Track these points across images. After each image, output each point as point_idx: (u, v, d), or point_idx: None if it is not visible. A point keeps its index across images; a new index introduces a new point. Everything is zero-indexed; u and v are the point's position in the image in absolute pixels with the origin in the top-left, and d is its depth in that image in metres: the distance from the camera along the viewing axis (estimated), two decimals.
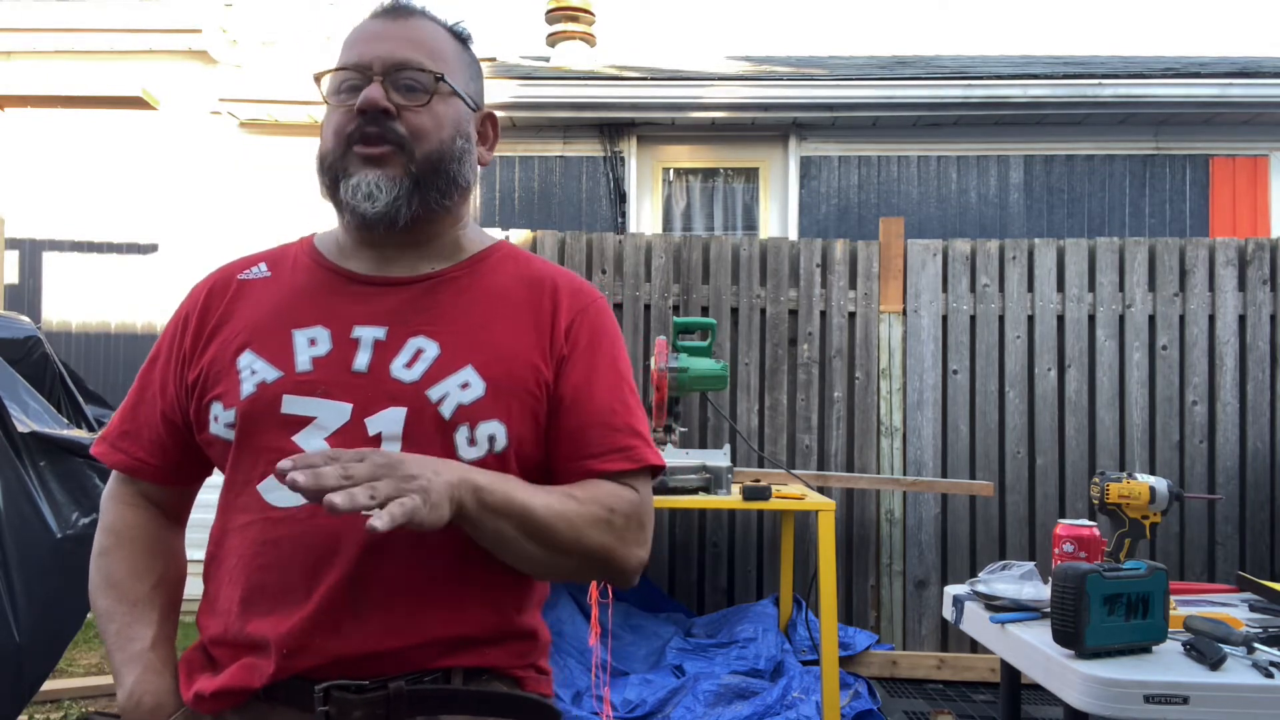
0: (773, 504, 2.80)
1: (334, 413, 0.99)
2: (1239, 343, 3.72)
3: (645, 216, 5.32)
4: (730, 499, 2.80)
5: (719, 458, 2.88)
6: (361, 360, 1.01)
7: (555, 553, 0.98)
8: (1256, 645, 1.50)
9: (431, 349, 1.02)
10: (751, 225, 5.36)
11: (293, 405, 0.99)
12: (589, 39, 6.16)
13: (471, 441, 0.99)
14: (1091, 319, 3.76)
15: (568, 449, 1.05)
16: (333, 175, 1.04)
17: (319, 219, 1.09)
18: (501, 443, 1.00)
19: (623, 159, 5.21)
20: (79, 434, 2.46)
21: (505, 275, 1.10)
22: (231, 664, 0.98)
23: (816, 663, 3.05)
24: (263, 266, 1.12)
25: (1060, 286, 3.77)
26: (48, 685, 3.13)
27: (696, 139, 5.36)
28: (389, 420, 0.98)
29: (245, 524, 0.99)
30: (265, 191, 5.17)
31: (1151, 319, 3.74)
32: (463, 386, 1.00)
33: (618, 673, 3.17)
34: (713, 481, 2.82)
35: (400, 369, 1.01)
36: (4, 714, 2.20)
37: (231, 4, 5.21)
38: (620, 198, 5.20)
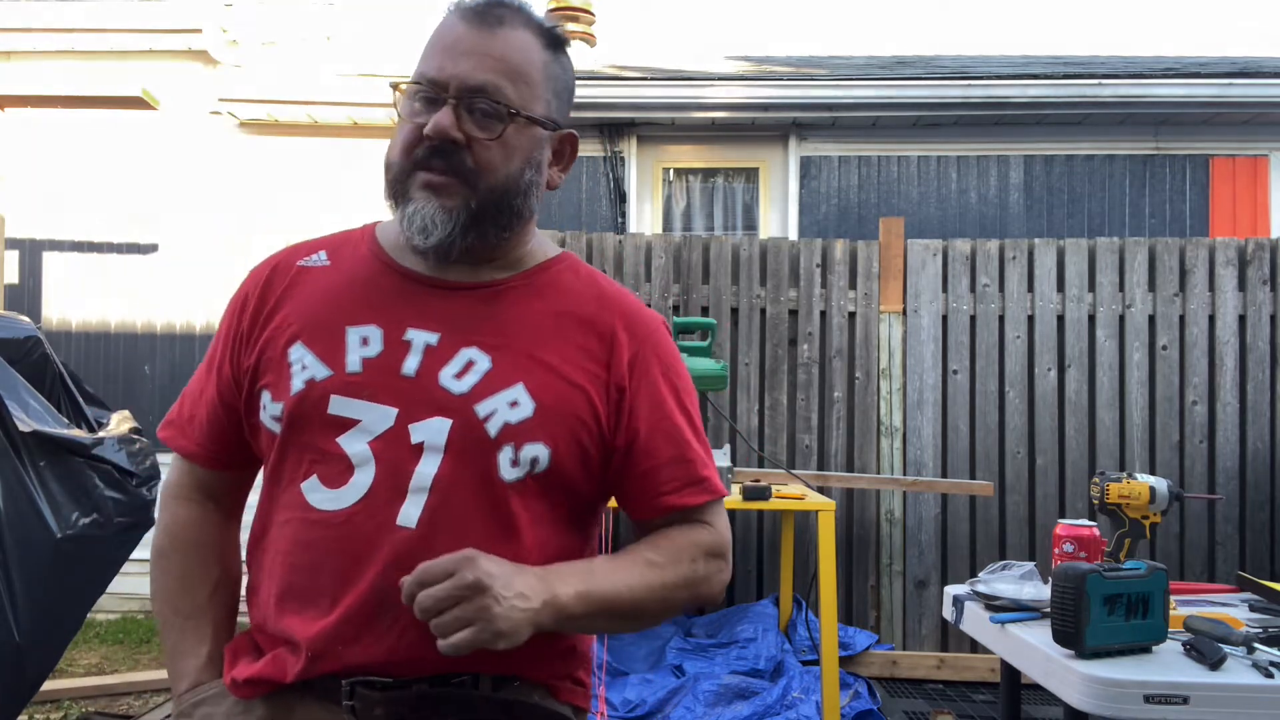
0: (773, 504, 2.80)
1: (379, 417, 0.98)
2: (1239, 343, 3.72)
3: (645, 216, 5.32)
4: (730, 499, 2.80)
5: (719, 458, 2.88)
6: (410, 364, 0.99)
7: (646, 622, 1.05)
8: (1256, 645, 1.50)
9: (483, 362, 1.00)
10: (751, 225, 5.36)
11: (339, 406, 0.98)
12: (589, 39, 6.16)
13: (514, 462, 0.98)
14: (1091, 319, 3.76)
15: (646, 485, 1.05)
16: (394, 192, 1.02)
17: (320, 219, 1.09)
18: (543, 465, 0.99)
19: (623, 159, 5.21)
20: (79, 434, 2.46)
21: (566, 292, 1.07)
22: (269, 652, 1.00)
23: (816, 663, 3.05)
24: (323, 255, 1.09)
25: (1060, 286, 3.77)
26: (48, 685, 3.13)
27: (696, 139, 5.35)
28: (433, 430, 0.97)
29: (285, 520, 1.00)
30: (265, 191, 5.17)
31: (1151, 319, 3.74)
32: (511, 405, 0.99)
33: (618, 673, 3.17)
34: None
35: (449, 379, 0.99)
36: (4, 714, 2.20)
37: (231, 4, 5.21)
38: (620, 198, 5.20)
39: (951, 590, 2.01)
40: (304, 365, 1.00)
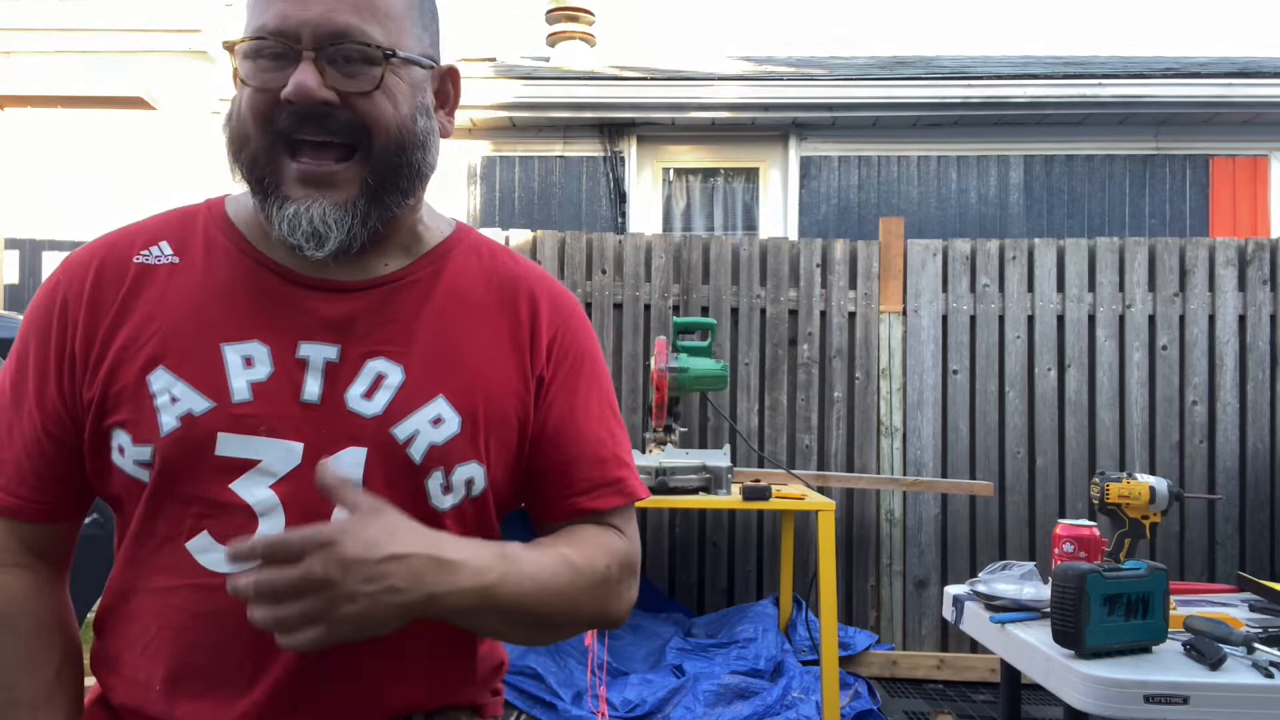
0: (773, 504, 2.80)
1: (282, 454, 0.82)
2: (1239, 343, 3.72)
3: (645, 216, 5.32)
4: (730, 499, 2.80)
5: (719, 458, 2.88)
6: (312, 388, 0.84)
7: (545, 631, 0.88)
8: (1256, 645, 1.50)
9: (394, 374, 0.85)
10: (751, 225, 5.36)
11: (230, 446, 0.81)
12: (589, 39, 6.16)
13: (446, 488, 0.86)
14: (1091, 319, 3.76)
15: (555, 485, 0.93)
16: (256, 177, 0.85)
17: None
18: (480, 486, 0.88)
19: (623, 159, 5.21)
20: None
21: (473, 275, 0.94)
22: None
23: (816, 663, 3.05)
24: (165, 247, 0.89)
25: (1060, 286, 3.77)
26: None
27: (696, 139, 5.36)
28: (347, 464, 0.82)
29: (168, 588, 0.83)
30: None
31: (1151, 319, 3.74)
32: (435, 422, 0.85)
33: (618, 673, 3.17)
34: (713, 481, 2.82)
35: (358, 399, 0.84)
36: None
37: (231, 4, 5.22)
38: (620, 198, 5.20)
39: (951, 590, 2.01)
40: (173, 397, 0.81)
